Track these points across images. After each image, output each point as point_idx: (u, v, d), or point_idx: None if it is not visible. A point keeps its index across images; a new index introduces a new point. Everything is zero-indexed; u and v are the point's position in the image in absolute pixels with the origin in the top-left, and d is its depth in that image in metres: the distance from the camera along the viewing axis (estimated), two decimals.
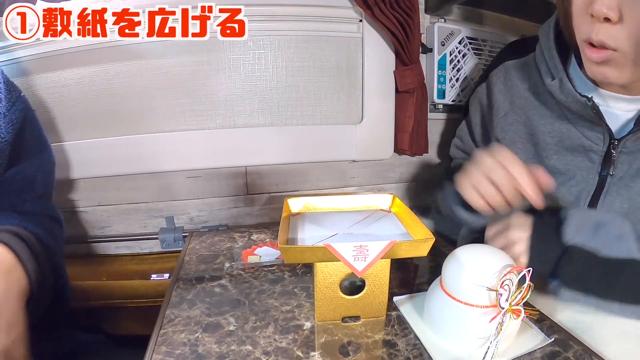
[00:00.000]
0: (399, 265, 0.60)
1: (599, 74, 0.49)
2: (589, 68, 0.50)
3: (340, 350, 0.43)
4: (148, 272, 0.84)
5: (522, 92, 0.62)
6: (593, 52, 0.47)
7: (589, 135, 0.55)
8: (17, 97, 0.55)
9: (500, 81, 0.66)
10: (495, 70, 0.67)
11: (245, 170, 0.89)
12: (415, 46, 0.84)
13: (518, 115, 0.62)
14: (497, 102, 0.66)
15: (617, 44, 0.44)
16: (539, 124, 0.59)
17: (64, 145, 0.78)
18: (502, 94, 0.65)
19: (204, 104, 0.83)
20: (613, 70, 0.47)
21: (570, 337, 0.45)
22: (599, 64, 0.48)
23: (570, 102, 0.54)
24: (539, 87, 0.59)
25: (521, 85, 0.63)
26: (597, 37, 0.45)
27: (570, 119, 0.56)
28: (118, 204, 0.85)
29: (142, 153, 0.81)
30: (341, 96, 0.89)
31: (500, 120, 0.65)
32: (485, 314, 0.41)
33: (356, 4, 0.81)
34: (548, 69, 0.56)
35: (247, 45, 0.82)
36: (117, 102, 0.79)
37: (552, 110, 0.58)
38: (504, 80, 0.65)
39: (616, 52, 0.45)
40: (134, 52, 0.77)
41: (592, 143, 0.54)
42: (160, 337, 0.45)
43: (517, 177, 0.49)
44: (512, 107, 0.63)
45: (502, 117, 0.64)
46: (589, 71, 0.51)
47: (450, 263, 0.45)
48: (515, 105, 0.63)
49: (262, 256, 0.65)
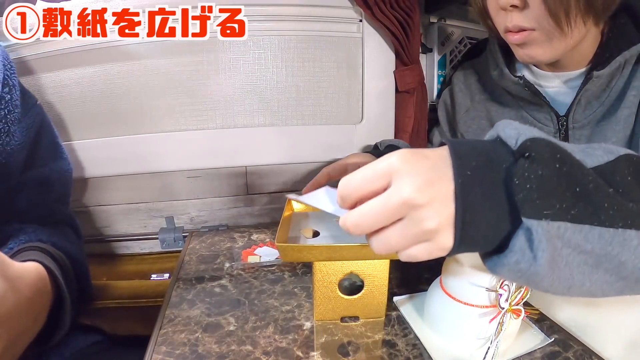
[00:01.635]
0: (399, 265, 0.60)
1: (526, 56, 0.53)
2: (518, 53, 0.54)
3: (340, 350, 0.43)
4: (148, 272, 0.85)
5: (480, 88, 0.68)
6: (514, 35, 0.51)
7: (539, 117, 0.59)
8: (32, 104, 0.57)
9: (461, 81, 0.72)
10: (456, 72, 0.74)
11: (245, 170, 0.89)
12: (415, 46, 0.84)
13: (479, 110, 0.68)
14: (459, 101, 0.71)
15: (531, 24, 0.49)
16: (496, 114, 0.65)
17: (64, 145, 0.78)
18: (463, 93, 0.71)
19: (204, 104, 0.83)
20: (537, 49, 0.52)
21: (570, 337, 0.45)
22: (523, 47, 0.52)
23: (509, 86, 0.59)
24: (492, 82, 0.64)
25: (478, 82, 0.69)
26: (512, 23, 0.50)
27: (522, 105, 0.61)
28: (118, 204, 0.85)
29: (142, 153, 0.81)
30: (341, 96, 0.89)
31: (462, 116, 0.70)
32: (485, 314, 0.41)
33: (356, 4, 0.81)
34: (493, 61, 0.62)
35: (247, 45, 0.82)
36: (117, 102, 0.79)
37: (505, 100, 0.64)
38: (464, 80, 0.71)
39: (535, 32, 0.50)
40: (134, 52, 0.77)
41: (542, 125, 0.59)
42: (160, 337, 0.45)
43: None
44: (473, 103, 0.69)
45: (465, 113, 0.70)
46: (518, 57, 0.55)
47: (450, 263, 0.44)
48: (475, 101, 0.69)
49: (262, 256, 0.65)
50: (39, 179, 0.56)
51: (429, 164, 0.30)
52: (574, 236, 0.30)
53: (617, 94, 0.54)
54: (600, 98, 0.55)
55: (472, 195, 0.29)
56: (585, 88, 0.53)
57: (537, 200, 0.29)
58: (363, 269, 0.45)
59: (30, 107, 0.56)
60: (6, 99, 0.51)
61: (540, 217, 0.29)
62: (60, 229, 0.56)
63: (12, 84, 0.53)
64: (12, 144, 0.52)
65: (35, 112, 0.57)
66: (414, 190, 0.29)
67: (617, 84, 0.54)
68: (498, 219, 0.31)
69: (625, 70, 0.53)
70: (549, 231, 0.29)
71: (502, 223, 0.31)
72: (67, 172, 0.61)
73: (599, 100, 0.55)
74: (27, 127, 0.55)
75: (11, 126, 0.52)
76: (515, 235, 0.30)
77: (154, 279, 0.84)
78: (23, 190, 0.54)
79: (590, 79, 0.52)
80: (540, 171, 0.29)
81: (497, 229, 0.31)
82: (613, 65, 0.51)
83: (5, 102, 0.51)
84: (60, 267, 0.47)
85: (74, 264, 0.52)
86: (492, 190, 0.30)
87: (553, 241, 0.30)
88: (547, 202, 0.29)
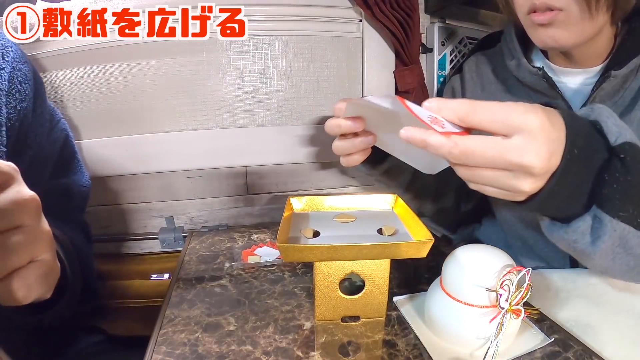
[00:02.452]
0: (399, 265, 0.60)
1: (549, 38, 0.51)
2: (539, 36, 0.52)
3: (340, 350, 0.43)
4: (148, 272, 0.85)
5: (492, 78, 0.67)
6: (539, 15, 0.49)
7: None
8: (58, 119, 0.59)
9: (472, 70, 0.70)
10: (468, 61, 0.72)
11: (245, 170, 0.89)
12: (415, 46, 0.84)
13: (488, 100, 0.66)
14: (469, 90, 0.70)
15: (561, 4, 0.47)
16: None
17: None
18: (473, 82, 0.70)
19: (204, 104, 0.83)
20: (562, 31, 0.49)
21: (570, 337, 0.45)
22: (546, 27, 0.50)
23: (526, 76, 0.58)
24: (506, 72, 0.64)
25: (490, 72, 0.68)
26: (540, 1, 0.47)
27: (534, 98, 0.59)
28: (118, 204, 0.85)
29: (142, 153, 0.81)
30: (341, 96, 0.89)
31: None
32: (485, 314, 0.41)
33: (356, 4, 0.81)
34: (509, 52, 0.61)
35: (247, 45, 0.82)
36: (117, 102, 0.79)
37: (518, 92, 0.62)
38: (475, 70, 0.70)
39: (562, 12, 0.48)
40: (134, 52, 0.77)
41: None
42: (160, 337, 0.45)
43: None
44: (483, 92, 0.68)
45: None
46: (539, 40, 0.53)
47: (450, 263, 0.45)
48: (486, 90, 0.68)
49: (262, 256, 0.65)
50: (60, 189, 0.58)
51: (554, 136, 0.32)
52: (632, 240, 0.36)
53: (631, 95, 0.54)
54: (613, 98, 0.54)
55: (569, 174, 0.33)
56: (602, 87, 0.53)
57: (617, 201, 0.34)
58: (364, 269, 0.45)
59: (57, 122, 0.59)
60: (37, 112, 0.53)
61: (614, 215, 0.34)
62: (71, 226, 0.57)
63: (43, 98, 0.55)
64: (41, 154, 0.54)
65: (61, 127, 0.60)
66: (538, 160, 0.31)
67: (631, 86, 0.54)
68: (577, 198, 0.36)
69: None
70: (616, 230, 0.35)
71: (578, 203, 0.36)
72: (87, 186, 0.64)
73: (613, 100, 0.54)
74: (54, 140, 0.57)
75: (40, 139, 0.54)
76: (581, 218, 0.36)
77: (154, 279, 0.84)
78: (47, 198, 0.55)
79: (608, 78, 0.52)
80: (629, 177, 0.34)
81: (571, 206, 0.36)
82: (630, 67, 0.51)
83: (36, 115, 0.53)
84: (62, 246, 0.47)
85: (79, 254, 0.52)
86: (585, 173, 0.35)
87: (614, 238, 0.35)
88: (625, 205, 0.34)
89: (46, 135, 0.55)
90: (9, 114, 0.48)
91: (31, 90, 0.52)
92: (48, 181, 0.56)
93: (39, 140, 0.53)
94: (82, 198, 0.63)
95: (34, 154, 0.52)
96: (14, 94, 0.49)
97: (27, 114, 0.51)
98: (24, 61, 0.52)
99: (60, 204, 0.58)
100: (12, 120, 0.48)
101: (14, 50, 0.51)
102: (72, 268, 0.48)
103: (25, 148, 0.51)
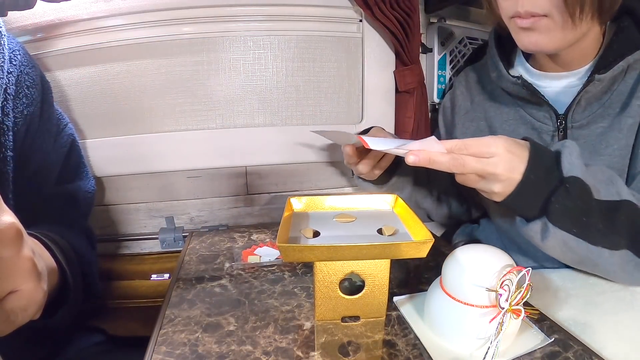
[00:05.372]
0: (399, 265, 0.60)
1: (531, 44, 0.52)
2: (522, 41, 0.53)
3: (340, 350, 0.43)
4: (148, 272, 0.85)
5: (480, 90, 0.69)
6: (522, 20, 0.50)
7: (538, 116, 0.60)
8: (65, 124, 0.60)
9: (462, 84, 0.72)
10: (457, 76, 0.75)
11: (245, 170, 0.89)
12: (415, 46, 0.84)
13: (478, 112, 0.68)
14: (459, 103, 0.72)
15: (544, 10, 0.48)
16: (495, 115, 0.65)
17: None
18: (463, 95, 0.72)
19: (204, 104, 0.83)
20: (543, 37, 0.51)
21: (570, 337, 0.45)
22: (528, 32, 0.51)
23: (508, 86, 0.60)
24: (492, 84, 0.65)
25: (478, 84, 0.70)
26: (523, 8, 0.49)
27: (520, 105, 0.62)
28: (118, 204, 0.85)
29: (142, 153, 0.81)
30: (341, 96, 0.89)
31: (461, 118, 0.71)
32: (485, 314, 0.41)
33: (356, 4, 0.81)
34: (493, 63, 0.62)
35: (247, 45, 0.82)
36: (117, 102, 0.79)
37: (505, 101, 0.64)
38: (465, 83, 0.72)
39: (545, 18, 0.49)
40: (134, 52, 0.77)
41: (542, 124, 0.59)
42: (160, 337, 0.45)
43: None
44: (472, 105, 0.70)
45: (464, 115, 0.70)
46: (521, 44, 0.54)
47: (450, 263, 0.45)
48: (475, 102, 0.69)
49: (262, 256, 0.65)
50: (66, 195, 0.58)
51: (518, 158, 0.45)
52: (570, 243, 0.47)
53: (620, 99, 0.54)
54: (601, 100, 0.54)
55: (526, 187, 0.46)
56: (586, 90, 0.53)
57: (559, 215, 0.46)
58: (364, 269, 0.45)
59: (64, 127, 0.59)
60: (44, 117, 0.53)
61: (555, 224, 0.46)
62: (74, 233, 0.56)
63: (50, 103, 0.55)
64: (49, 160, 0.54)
65: (68, 132, 0.60)
66: (503, 170, 0.45)
67: (619, 88, 0.54)
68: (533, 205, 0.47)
69: (629, 76, 0.53)
70: (557, 234, 0.47)
71: (534, 209, 0.48)
72: (91, 192, 0.64)
73: (600, 101, 0.55)
74: (62, 145, 0.58)
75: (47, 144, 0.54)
76: (535, 222, 0.48)
77: (154, 279, 0.84)
78: (52, 203, 0.56)
79: (592, 82, 0.52)
80: (569, 203, 0.45)
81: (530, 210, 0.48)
82: (616, 70, 0.51)
83: (43, 120, 0.53)
84: (62, 251, 0.47)
85: (81, 261, 0.52)
86: (539, 190, 0.47)
87: (557, 240, 0.48)
88: (564, 218, 0.46)
89: (53, 140, 0.55)
90: (15, 118, 0.47)
91: (38, 95, 0.51)
92: (54, 186, 0.56)
93: (45, 145, 0.53)
94: (87, 204, 0.63)
95: (40, 159, 0.52)
96: (21, 98, 0.48)
97: (34, 118, 0.50)
98: (32, 65, 0.52)
99: (65, 210, 0.58)
100: (19, 125, 0.48)
101: (22, 54, 0.50)
102: (74, 276, 0.48)
103: (32, 153, 0.50)
